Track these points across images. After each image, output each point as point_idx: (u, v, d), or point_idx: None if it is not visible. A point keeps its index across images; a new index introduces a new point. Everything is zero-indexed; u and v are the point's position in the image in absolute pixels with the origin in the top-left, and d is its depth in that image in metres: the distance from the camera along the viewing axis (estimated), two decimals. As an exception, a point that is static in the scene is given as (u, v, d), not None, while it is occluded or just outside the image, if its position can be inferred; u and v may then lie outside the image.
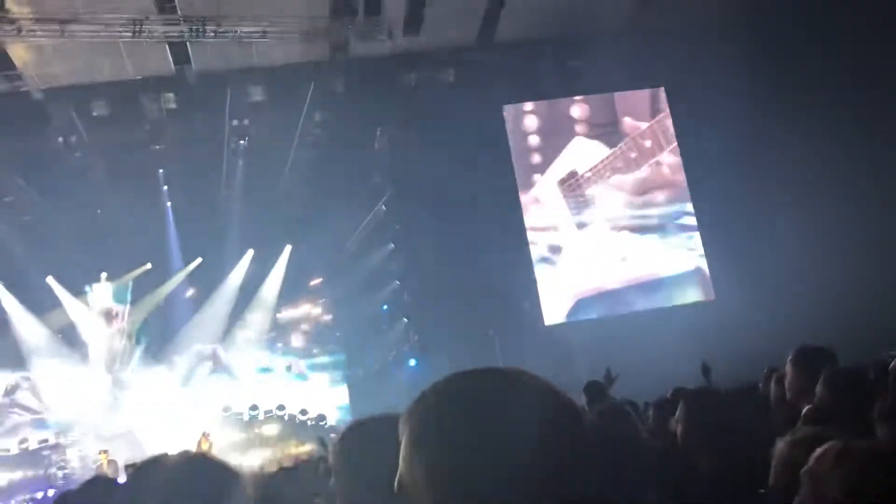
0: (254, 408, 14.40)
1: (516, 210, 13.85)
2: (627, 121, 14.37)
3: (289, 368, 15.17)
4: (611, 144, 14.22)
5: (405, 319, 14.27)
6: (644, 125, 14.35)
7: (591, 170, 14.12)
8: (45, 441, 13.59)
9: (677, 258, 14.06)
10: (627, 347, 10.69)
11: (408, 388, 11.78)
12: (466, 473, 0.96)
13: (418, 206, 13.09)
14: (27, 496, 12.38)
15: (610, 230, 14.05)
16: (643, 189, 14.24)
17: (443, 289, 13.11)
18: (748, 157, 12.95)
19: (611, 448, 2.20)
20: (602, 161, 14.17)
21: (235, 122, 12.62)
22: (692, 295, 13.95)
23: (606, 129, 14.34)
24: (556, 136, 14.25)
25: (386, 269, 14.61)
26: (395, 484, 1.02)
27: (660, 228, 14.16)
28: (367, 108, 12.84)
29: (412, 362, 14.03)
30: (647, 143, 14.29)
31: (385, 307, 14.85)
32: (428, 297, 13.56)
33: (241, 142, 12.86)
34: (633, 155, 14.25)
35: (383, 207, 14.30)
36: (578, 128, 14.29)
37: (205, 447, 12.25)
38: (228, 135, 12.80)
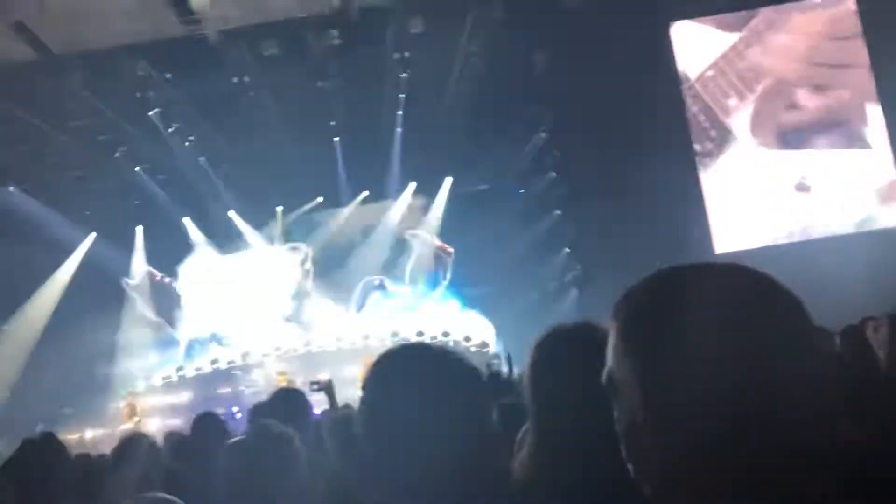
0: (420, 333, 14.84)
1: (683, 134, 13.22)
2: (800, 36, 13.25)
3: (450, 296, 15.47)
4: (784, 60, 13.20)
5: (566, 250, 14.13)
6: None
7: (765, 86, 13.21)
8: (233, 362, 14.82)
9: (861, 178, 12.97)
10: (806, 278, 10.02)
11: (569, 321, 11.67)
12: (682, 370, 0.89)
13: (580, 133, 12.77)
14: (223, 411, 13.57)
15: (786, 150, 13.13)
16: (824, 108, 13.17)
17: (605, 217, 12.82)
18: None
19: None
20: (777, 78, 13.21)
21: (397, 56, 12.74)
22: (879, 221, 12.87)
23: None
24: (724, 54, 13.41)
25: (546, 199, 14.46)
26: (604, 378, 0.97)
27: (844, 143, 13.07)
28: (527, 33, 12.57)
29: (573, 293, 13.93)
30: (827, 59, 13.16)
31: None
32: (590, 227, 13.32)
33: (403, 74, 12.98)
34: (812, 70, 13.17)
35: (543, 135, 14.09)
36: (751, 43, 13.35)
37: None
38: (390, 68, 12.97)
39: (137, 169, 14.06)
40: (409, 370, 1.53)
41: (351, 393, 5.84)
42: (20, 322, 14.42)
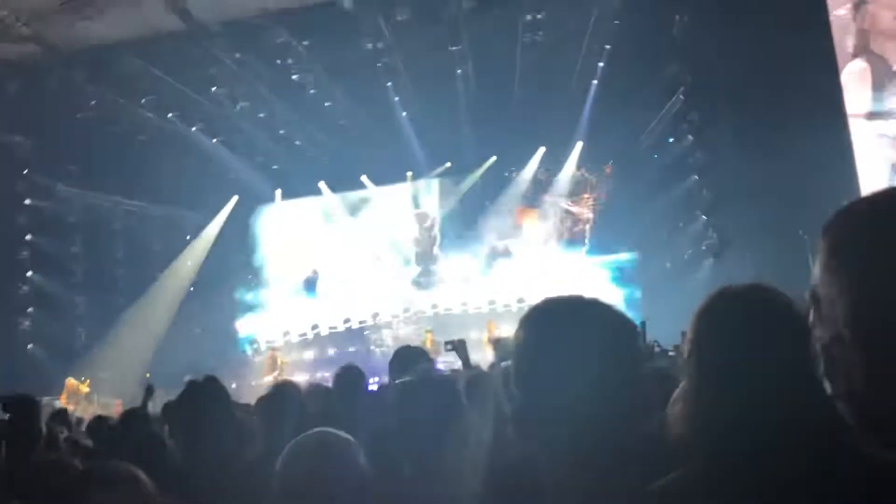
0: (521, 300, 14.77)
1: (834, 97, 12.34)
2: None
3: (581, 263, 15.28)
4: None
5: (703, 217, 13.63)
6: None
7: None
8: (364, 322, 15.31)
9: None
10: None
11: (704, 289, 11.27)
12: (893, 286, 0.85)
13: (719, 95, 12.21)
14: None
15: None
16: None
17: (745, 183, 12.23)
18: None
19: None
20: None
21: (529, 17, 12.54)
22: None
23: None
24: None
25: (683, 163, 13.96)
26: (808, 297, 0.94)
27: None
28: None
29: (709, 262, 13.44)
30: None
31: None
32: (728, 193, 12.77)
33: (535, 37, 12.78)
34: None
35: (681, 98, 13.57)
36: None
37: (493, 332, 12.92)
38: (522, 31, 12.78)
39: (279, 133, 14.60)
40: (565, 320, 1.51)
41: (476, 357, 5.91)
42: (170, 279, 15.41)
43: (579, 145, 14.81)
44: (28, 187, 14.30)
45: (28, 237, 14.36)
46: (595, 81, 13.74)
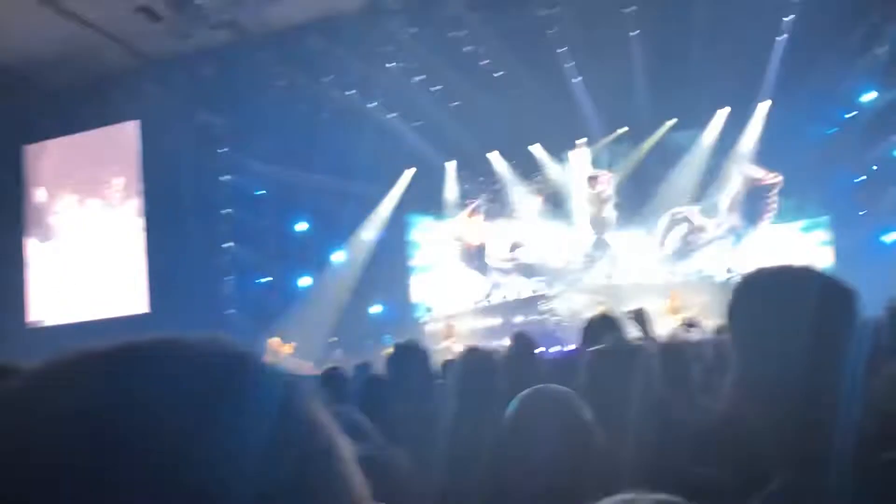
0: (729, 270, 14.15)
1: None
2: None
3: (769, 231, 14.45)
4: None
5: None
6: None
7: None
8: (536, 291, 15.36)
9: None
10: None
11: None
12: None
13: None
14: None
15: None
16: None
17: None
18: None
19: None
20: None
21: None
22: None
23: None
24: None
25: (880, 124, 12.79)
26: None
27: None
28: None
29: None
30: None
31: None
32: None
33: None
34: None
35: (882, 50, 12.40)
36: None
37: (675, 302, 12.53)
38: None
39: (451, 105, 14.84)
40: (784, 288, 1.49)
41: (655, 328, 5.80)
42: (351, 249, 16.18)
43: (766, 104, 13.92)
44: (225, 164, 15.47)
45: (225, 210, 15.56)
46: (781, 38, 12.83)
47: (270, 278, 16.27)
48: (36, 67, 13.55)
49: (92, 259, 15.35)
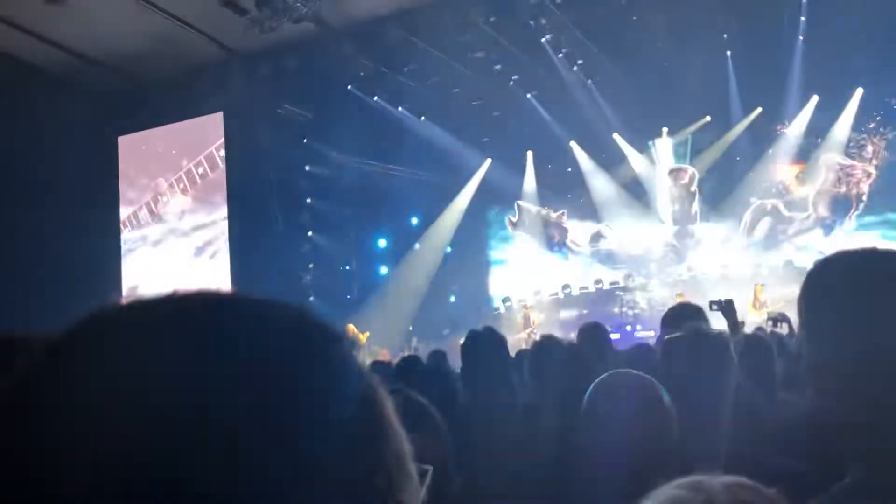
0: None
1: None
2: None
3: (860, 225, 13.87)
4: None
5: None
6: None
7: None
8: (616, 283, 15.14)
9: None
10: None
11: None
12: None
13: None
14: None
15: None
16: None
17: None
18: None
19: None
20: None
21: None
22: None
23: None
24: None
25: None
26: None
27: None
28: None
29: None
30: None
31: None
32: None
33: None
34: None
35: None
36: None
37: (759, 296, 12.20)
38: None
39: (529, 96, 14.74)
40: (859, 272, 1.41)
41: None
42: (429, 240, 16.29)
43: (859, 92, 13.33)
44: (307, 155, 15.78)
45: (308, 200, 15.89)
46: (875, 21, 12.21)
47: (350, 267, 16.56)
48: (127, 61, 14.09)
49: (179, 248, 15.92)
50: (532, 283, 15.80)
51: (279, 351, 0.48)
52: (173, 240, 16.05)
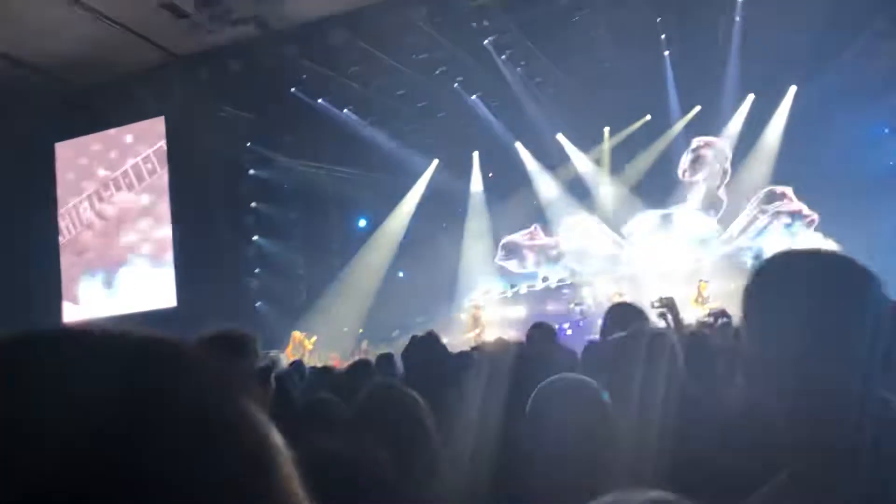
0: (756, 256, 13.98)
1: None
2: None
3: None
4: None
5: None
6: None
7: None
8: (563, 280, 15.32)
9: None
10: None
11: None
12: None
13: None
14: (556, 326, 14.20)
15: None
16: None
17: None
18: None
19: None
20: None
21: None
22: None
23: None
24: None
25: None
26: None
27: None
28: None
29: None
30: None
31: None
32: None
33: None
34: None
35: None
36: None
37: (703, 292, 12.43)
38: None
39: (474, 97, 14.80)
40: (800, 271, 1.44)
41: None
42: (377, 242, 16.22)
43: (792, 90, 13.72)
44: (251, 158, 15.58)
45: (252, 204, 15.69)
46: (808, 23, 12.57)
47: (298, 271, 16.39)
48: (65, 66, 13.71)
49: (120, 254, 15.55)
50: (482, 280, 15.86)
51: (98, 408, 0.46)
52: (115, 246, 15.68)
